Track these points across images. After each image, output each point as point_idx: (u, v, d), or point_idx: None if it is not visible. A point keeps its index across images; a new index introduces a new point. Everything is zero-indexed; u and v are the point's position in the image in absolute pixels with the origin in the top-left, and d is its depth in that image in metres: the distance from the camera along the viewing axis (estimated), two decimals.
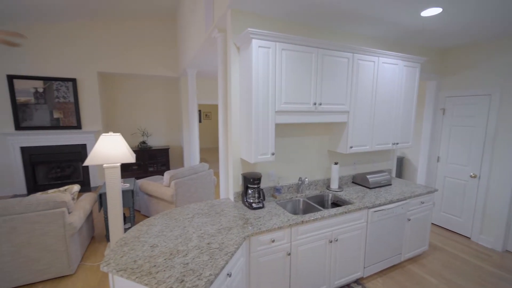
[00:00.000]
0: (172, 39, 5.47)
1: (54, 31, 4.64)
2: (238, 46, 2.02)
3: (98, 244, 3.00)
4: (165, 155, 5.94)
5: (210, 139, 10.81)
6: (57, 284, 2.33)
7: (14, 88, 4.56)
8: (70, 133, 4.95)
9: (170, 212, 1.97)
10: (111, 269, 1.28)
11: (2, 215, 2.16)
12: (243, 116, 2.03)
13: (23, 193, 4.81)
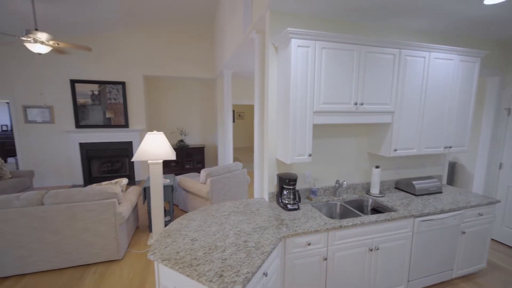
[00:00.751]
0: (209, 42, 5.69)
1: (107, 40, 5.17)
2: (276, 46, 2.02)
3: (142, 234, 3.26)
4: (201, 153, 6.20)
5: (243, 139, 11.01)
6: (107, 267, 2.59)
7: (75, 91, 5.19)
8: (119, 131, 5.46)
9: (207, 209, 2.04)
10: (157, 258, 1.38)
11: (66, 203, 2.47)
12: (280, 117, 2.02)
13: (80, 183, 5.44)
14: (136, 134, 5.58)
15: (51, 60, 5.03)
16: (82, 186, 5.41)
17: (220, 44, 4.60)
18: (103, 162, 5.68)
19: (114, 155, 5.59)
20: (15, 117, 5.08)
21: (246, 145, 11.12)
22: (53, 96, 5.15)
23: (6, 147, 8.22)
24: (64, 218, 2.45)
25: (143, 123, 5.64)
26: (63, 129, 5.25)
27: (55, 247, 2.46)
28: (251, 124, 11.05)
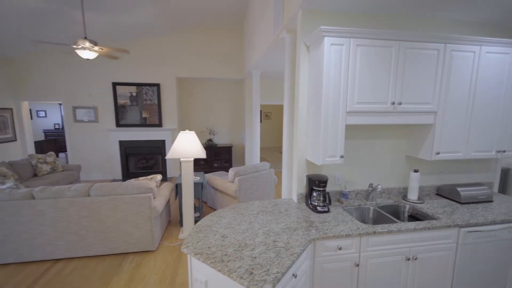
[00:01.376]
0: (238, 44, 5.79)
1: (144, 45, 5.52)
2: (308, 46, 1.99)
3: (173, 228, 3.43)
4: (228, 152, 6.34)
5: (270, 139, 11.01)
6: (143, 256, 2.77)
7: (116, 93, 5.63)
8: (153, 130, 5.81)
9: (236, 207, 2.08)
10: (190, 251, 1.44)
11: (109, 195, 2.70)
12: (311, 117, 1.98)
13: (119, 178, 5.90)
14: (169, 133, 5.88)
15: (97, 65, 5.53)
16: (121, 180, 5.86)
17: (249, 45, 4.66)
18: (139, 159, 6.09)
19: (148, 152, 5.96)
20: (66, 117, 5.67)
21: (273, 145, 11.11)
22: (97, 97, 5.66)
23: (58, 143, 9.22)
24: (107, 209, 2.68)
25: (175, 123, 5.92)
26: (106, 128, 5.74)
27: (99, 235, 2.70)
28: (278, 124, 11.01)
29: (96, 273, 2.49)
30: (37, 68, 5.45)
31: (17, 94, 5.56)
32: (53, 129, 10.04)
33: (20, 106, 5.72)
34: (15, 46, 4.84)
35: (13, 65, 5.41)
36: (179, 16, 4.66)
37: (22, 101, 5.70)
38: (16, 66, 5.42)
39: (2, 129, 5.37)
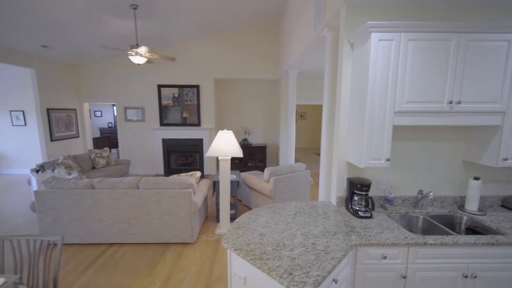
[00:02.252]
0: (275, 44, 5.79)
1: (185, 48, 5.86)
2: (352, 43, 1.90)
3: (210, 223, 3.58)
4: (263, 152, 6.39)
5: (304, 140, 10.81)
6: (183, 248, 2.94)
7: (161, 94, 6.08)
8: (192, 129, 6.14)
9: (273, 206, 2.09)
10: (230, 246, 1.49)
11: (155, 188, 2.93)
12: (353, 117, 1.90)
13: (161, 173, 6.36)
14: (206, 132, 6.15)
15: (145, 69, 6.04)
16: (162, 175, 6.30)
17: (286, 45, 4.63)
18: (179, 156, 6.49)
19: (188, 150, 6.31)
20: (118, 116, 6.30)
21: (307, 146, 10.88)
22: (144, 99, 6.18)
23: (111, 140, 10.29)
24: (153, 201, 2.91)
25: (212, 122, 6.17)
26: (151, 127, 6.23)
27: (146, 225, 2.95)
28: (313, 124, 10.75)
29: (143, 259, 2.72)
30: (96, 73, 6.16)
31: (80, 97, 6.36)
32: (107, 127, 11.25)
33: (82, 107, 6.53)
34: (80, 55, 5.54)
35: (77, 71, 6.20)
36: (219, 19, 4.84)
37: (84, 103, 6.50)
38: (80, 72, 6.20)
39: (68, 127, 6.20)
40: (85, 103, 6.57)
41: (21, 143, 6.29)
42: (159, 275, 2.46)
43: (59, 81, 5.83)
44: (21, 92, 6.06)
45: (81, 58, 5.75)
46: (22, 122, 6.22)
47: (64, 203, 2.91)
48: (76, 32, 4.33)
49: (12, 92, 6.07)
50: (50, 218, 2.94)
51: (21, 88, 6.05)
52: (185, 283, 2.34)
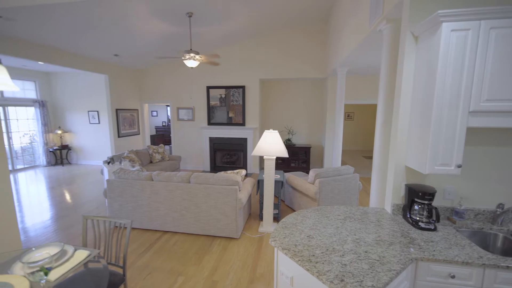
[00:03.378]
0: (322, 42, 5.60)
1: (232, 51, 6.08)
2: (417, 35, 1.72)
3: (253, 221, 3.65)
4: (306, 153, 6.25)
5: (351, 141, 10.21)
6: (228, 242, 3.07)
7: (209, 95, 6.45)
8: (237, 128, 6.35)
9: (321, 209, 2.03)
10: (277, 245, 1.50)
11: (204, 183, 3.12)
12: (416, 117, 1.72)
13: (207, 170, 6.74)
14: (251, 131, 6.29)
15: (196, 72, 6.48)
16: (209, 171, 6.68)
17: (335, 42, 4.44)
18: (224, 154, 6.78)
19: (232, 149, 6.56)
20: (172, 116, 6.90)
21: (354, 148, 10.25)
22: (195, 99, 6.63)
23: (164, 137, 11.33)
24: (202, 195, 3.11)
25: (257, 122, 6.28)
26: (199, 126, 6.66)
27: (196, 217, 3.17)
28: (361, 125, 10.07)
29: (192, 248, 2.93)
30: (155, 77, 6.85)
31: (141, 98, 7.16)
32: (161, 125, 12.41)
33: (143, 108, 7.33)
34: (142, 61, 6.24)
35: (139, 75, 6.99)
36: (266, 21, 4.90)
37: (144, 103, 7.29)
38: (141, 76, 6.97)
39: (131, 125, 7.04)
40: (145, 104, 7.37)
41: (96, 138, 7.38)
42: (207, 265, 2.62)
43: (125, 84, 6.66)
44: (97, 95, 7.11)
45: (143, 64, 6.47)
46: (96, 121, 7.29)
47: (128, 192, 3.32)
48: (139, 41, 4.88)
49: (90, 95, 7.16)
50: (118, 204, 3.38)
51: (97, 91, 7.09)
52: (230, 276, 2.44)
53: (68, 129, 7.52)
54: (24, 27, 3.74)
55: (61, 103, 7.42)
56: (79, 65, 5.27)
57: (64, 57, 4.93)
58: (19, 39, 4.13)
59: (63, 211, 4.00)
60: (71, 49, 4.89)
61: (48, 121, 7.26)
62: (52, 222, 3.63)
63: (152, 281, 2.37)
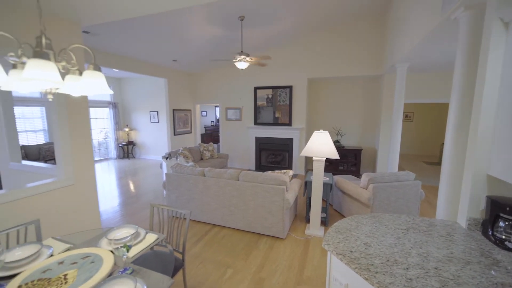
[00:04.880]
0: (377, 38, 5.17)
1: (280, 51, 6.08)
2: (507, 21, 1.46)
3: (299, 223, 3.60)
4: (357, 156, 5.87)
5: (409, 144, 9.19)
6: (274, 241, 3.09)
7: (256, 96, 6.58)
8: (283, 129, 6.33)
9: (378, 216, 1.89)
10: (331, 249, 1.45)
11: (252, 182, 3.20)
12: (506, 118, 1.46)
13: (253, 169, 6.89)
14: (297, 132, 6.21)
15: (244, 73, 6.69)
16: (253, 170, 6.82)
17: (396, 36, 4.05)
18: (269, 154, 6.84)
19: (278, 149, 6.57)
20: (221, 116, 7.26)
21: (413, 152, 9.22)
22: (242, 100, 6.85)
23: (212, 136, 12.01)
24: (250, 193, 3.20)
25: (303, 122, 6.16)
26: (246, 125, 6.85)
27: (243, 214, 3.28)
28: (422, 126, 8.99)
29: (240, 244, 3.04)
30: (206, 79, 7.31)
31: (194, 99, 7.72)
32: (210, 125, 13.18)
33: (195, 108, 7.89)
34: (196, 65, 6.72)
35: (193, 78, 7.54)
36: (316, 18, 4.76)
37: (196, 104, 7.84)
38: (195, 79, 7.51)
39: (185, 124, 7.64)
40: (197, 105, 7.92)
41: (155, 136, 8.24)
42: (254, 261, 2.68)
43: (181, 87, 7.26)
44: (157, 97, 7.92)
45: (196, 67, 6.97)
46: (156, 120, 8.13)
47: (184, 185, 3.61)
48: (195, 46, 5.27)
49: (151, 97, 8.03)
50: (175, 196, 3.71)
51: (157, 94, 7.90)
52: (277, 275, 2.45)
53: (133, 127, 8.56)
54: (104, 40, 4.40)
55: (128, 104, 8.49)
56: (144, 71, 5.96)
57: (132, 64, 5.64)
58: (100, 51, 4.88)
59: (128, 199, 4.58)
60: (138, 57, 5.56)
61: (118, 120, 8.39)
62: (120, 208, 4.18)
63: (204, 269, 2.53)
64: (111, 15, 2.58)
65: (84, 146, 2.82)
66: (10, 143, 3.29)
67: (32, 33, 2.28)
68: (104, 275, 1.18)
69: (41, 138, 6.67)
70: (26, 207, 2.29)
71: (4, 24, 2.12)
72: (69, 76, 1.08)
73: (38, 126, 6.63)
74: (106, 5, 2.35)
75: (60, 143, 2.61)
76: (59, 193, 2.56)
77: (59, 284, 1.13)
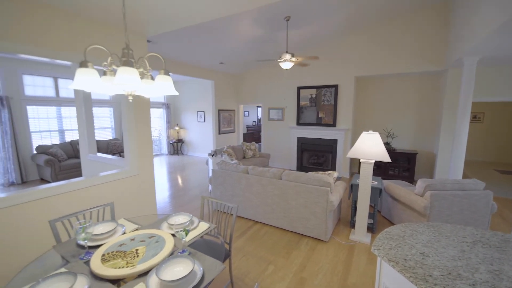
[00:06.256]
0: (438, 29, 4.61)
1: (325, 49, 5.89)
2: None
3: (343, 227, 3.46)
4: (411, 160, 5.35)
5: (478, 149, 7.96)
6: (316, 243, 3.04)
7: (299, 96, 6.52)
8: (327, 129, 6.14)
9: (437, 226, 1.72)
10: (382, 255, 1.38)
11: (294, 181, 3.20)
12: None
13: (293, 169, 6.83)
14: (342, 133, 5.95)
15: (287, 73, 6.68)
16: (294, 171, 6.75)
17: (464, 25, 3.58)
18: (311, 155, 6.70)
19: (320, 150, 6.39)
20: (263, 116, 7.38)
21: (483, 158, 7.97)
22: (285, 100, 6.85)
23: (254, 136, 12.26)
24: (292, 192, 3.20)
25: (349, 123, 5.88)
26: (288, 126, 6.83)
27: (285, 213, 3.30)
28: (494, 129, 7.72)
29: (280, 242, 3.07)
30: (250, 80, 7.52)
31: (237, 100, 8.01)
32: (251, 125, 13.48)
33: (239, 108, 8.18)
34: (241, 66, 6.97)
35: (237, 79, 7.83)
36: (366, 12, 4.50)
37: (240, 104, 8.12)
38: (239, 80, 7.79)
39: (229, 124, 7.99)
40: (241, 105, 8.20)
41: (201, 134, 8.79)
42: (295, 260, 2.69)
43: (226, 88, 7.61)
44: (204, 98, 8.44)
45: (241, 69, 7.22)
46: (203, 120, 8.68)
47: (228, 182, 3.80)
48: (240, 48, 5.47)
49: (199, 98, 8.59)
50: (219, 191, 3.93)
51: (204, 95, 8.42)
52: (319, 277, 2.42)
53: (182, 126, 9.29)
54: (161, 48, 4.89)
55: (178, 105, 9.24)
56: (194, 74, 6.43)
57: (184, 68, 6.13)
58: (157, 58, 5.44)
59: (178, 192, 5.00)
60: (189, 61, 6.02)
61: (170, 120, 9.20)
62: (170, 199, 4.60)
63: (247, 263, 2.64)
64: (171, 25, 2.87)
65: (146, 142, 3.20)
66: (89, 138, 3.91)
67: (114, 45, 2.69)
68: (167, 254, 1.34)
69: (109, 134, 7.73)
70: (101, 192, 2.72)
71: (95, 39, 2.55)
72: (144, 80, 1.27)
73: (107, 124, 7.70)
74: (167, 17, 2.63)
75: (128, 139, 3.02)
76: (126, 182, 2.96)
77: (132, 256, 1.33)
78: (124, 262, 1.29)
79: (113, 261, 1.29)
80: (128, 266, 1.26)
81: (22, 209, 2.04)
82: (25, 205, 2.06)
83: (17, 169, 5.47)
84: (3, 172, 5.32)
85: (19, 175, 5.51)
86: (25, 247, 2.08)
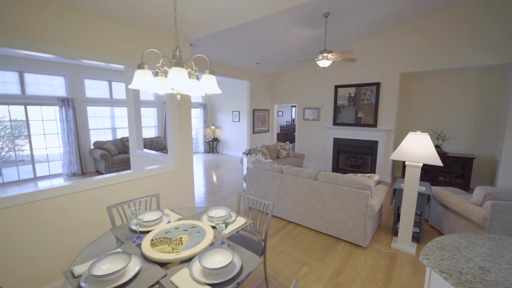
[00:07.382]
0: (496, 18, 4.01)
1: (366, 45, 5.56)
2: None
3: (384, 234, 3.24)
4: (466, 165, 4.77)
5: None
6: (354, 249, 2.90)
7: (337, 95, 6.27)
8: (366, 130, 5.80)
9: (500, 239, 1.52)
10: (433, 265, 1.27)
11: (331, 183, 3.10)
12: None
13: (328, 170, 6.60)
14: (383, 134, 5.57)
15: (324, 72, 6.48)
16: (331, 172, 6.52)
17: None
18: (348, 157, 6.40)
19: (359, 151, 6.07)
20: (298, 116, 7.27)
21: None
22: (321, 99, 6.66)
23: (287, 136, 12.16)
24: (328, 194, 3.10)
25: (392, 123, 5.47)
26: (324, 126, 6.62)
27: (320, 214, 3.21)
28: None
29: (315, 244, 3.00)
30: (285, 80, 7.47)
31: (272, 100, 8.02)
32: (285, 125, 13.39)
33: (273, 108, 8.20)
34: (276, 66, 6.97)
35: (272, 79, 7.84)
36: (411, 4, 4.14)
37: (274, 104, 8.12)
38: (274, 80, 7.79)
39: (263, 124, 8.05)
40: (275, 105, 8.20)
41: (236, 134, 9.01)
42: (330, 264, 2.60)
43: (261, 88, 7.69)
44: (239, 98, 8.64)
45: (276, 68, 7.22)
46: (237, 119, 8.88)
47: (262, 180, 3.83)
48: (277, 49, 5.47)
49: (234, 98, 8.81)
50: (253, 189, 3.99)
51: (239, 95, 8.61)
52: (356, 284, 2.31)
53: (218, 125, 9.63)
54: (201, 50, 5.14)
55: (215, 105, 9.61)
56: (230, 74, 6.62)
57: (222, 69, 6.36)
58: (198, 59, 5.73)
59: (213, 188, 5.20)
60: (226, 62, 6.22)
61: (207, 119, 9.62)
62: (205, 195, 4.80)
63: (280, 262, 2.63)
64: (212, 28, 3.00)
65: (187, 139, 3.40)
66: (137, 136, 4.30)
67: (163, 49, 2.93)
68: (208, 244, 1.42)
69: (153, 132, 8.38)
70: (146, 184, 2.97)
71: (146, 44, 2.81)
72: (191, 80, 1.36)
73: (151, 123, 8.36)
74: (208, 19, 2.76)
75: (171, 136, 3.24)
76: (168, 176, 3.19)
77: (177, 244, 1.44)
78: (170, 247, 1.40)
79: (160, 246, 1.41)
80: (174, 251, 1.36)
81: (83, 196, 2.34)
82: (86, 192, 2.35)
83: (78, 161, 6.27)
84: (68, 164, 6.14)
85: (79, 167, 6.30)
86: (84, 230, 2.38)
